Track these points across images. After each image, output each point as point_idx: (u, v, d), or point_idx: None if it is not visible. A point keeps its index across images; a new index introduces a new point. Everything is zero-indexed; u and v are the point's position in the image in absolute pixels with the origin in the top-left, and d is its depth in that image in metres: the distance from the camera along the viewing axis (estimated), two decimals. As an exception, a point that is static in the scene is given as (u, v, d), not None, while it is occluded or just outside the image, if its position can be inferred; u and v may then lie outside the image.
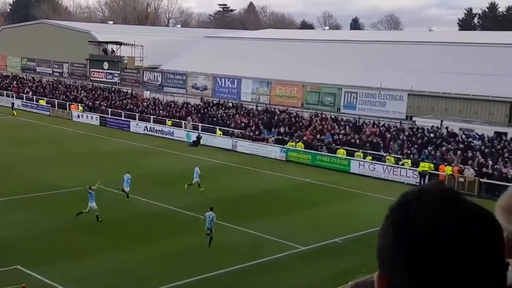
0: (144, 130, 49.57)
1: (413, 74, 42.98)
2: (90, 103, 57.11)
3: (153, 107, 52.92)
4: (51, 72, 69.02)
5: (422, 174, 33.02)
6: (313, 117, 43.96)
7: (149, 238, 22.48)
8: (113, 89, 59.93)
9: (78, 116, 55.39)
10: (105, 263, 20.00)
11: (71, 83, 64.46)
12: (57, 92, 62.41)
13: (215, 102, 51.05)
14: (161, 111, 51.37)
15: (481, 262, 1.18)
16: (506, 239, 1.26)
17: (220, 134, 44.55)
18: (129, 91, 58.49)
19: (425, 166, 33.40)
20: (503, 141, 34.58)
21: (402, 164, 34.57)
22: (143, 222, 24.58)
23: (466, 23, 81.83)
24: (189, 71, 54.64)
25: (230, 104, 49.96)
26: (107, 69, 61.94)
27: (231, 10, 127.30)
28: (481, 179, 31.14)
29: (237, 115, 47.33)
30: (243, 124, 45.40)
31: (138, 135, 48.10)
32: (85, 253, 20.73)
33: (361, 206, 28.11)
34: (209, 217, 22.15)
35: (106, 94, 58.97)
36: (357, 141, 38.64)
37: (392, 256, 1.22)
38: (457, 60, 43.04)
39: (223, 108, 49.54)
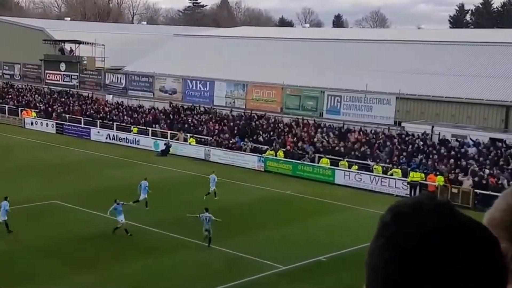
0: (107, 138, 49.24)
1: (401, 75, 43.54)
2: (45, 109, 56.50)
3: (117, 112, 52.61)
4: (0, 74, 68.13)
5: (412, 185, 33.44)
6: (294, 123, 44.21)
7: (113, 259, 22.29)
8: (71, 93, 59.42)
9: (32, 123, 54.76)
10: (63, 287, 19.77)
11: (24, 86, 63.72)
12: (7, 96, 61.62)
13: (185, 106, 50.98)
14: (125, 117, 51.09)
15: (488, 280, 1.20)
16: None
17: (191, 143, 44.46)
18: (89, 95, 58.05)
19: (415, 176, 33.83)
20: (498, 149, 35.18)
21: (391, 174, 34.97)
22: (105, 241, 24.35)
23: (457, 20, 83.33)
24: (156, 73, 54.51)
25: (202, 109, 49.95)
26: (64, 71, 61.44)
27: (203, 6, 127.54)
28: (476, 190, 31.62)
29: (210, 121, 47.34)
30: (216, 131, 45.43)
31: (99, 144, 47.74)
32: (40, 277, 20.44)
33: (347, 220, 28.33)
34: (206, 218, 23.94)
35: (63, 99, 58.44)
36: (342, 149, 38.96)
37: (385, 277, 1.22)
38: (449, 61, 43.77)
39: (195, 114, 49.51)
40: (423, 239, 1.20)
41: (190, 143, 44.57)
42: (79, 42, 60.79)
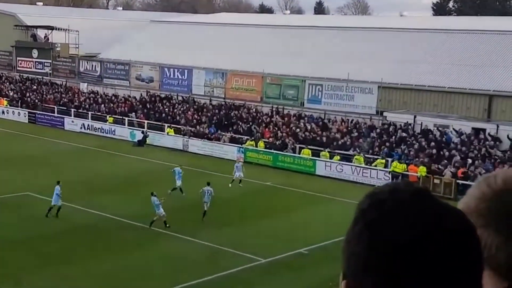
0: (81, 128, 48.94)
1: (383, 64, 43.82)
2: (17, 97, 55.90)
3: (91, 101, 52.26)
4: (-30, 61, 67.15)
5: (394, 175, 33.81)
6: (274, 112, 44.32)
7: (88, 253, 22.28)
8: (44, 80, 58.84)
9: (3, 112, 54.20)
10: (36, 283, 19.73)
11: (-6, 74, 62.91)
12: (-23, 84, 60.82)
13: (162, 95, 50.81)
14: (100, 106, 50.78)
15: (465, 266, 1.24)
16: None
17: (169, 133, 44.39)
18: (63, 83, 57.54)
19: (397, 166, 34.20)
20: (481, 139, 35.67)
21: (376, 165, 35.28)
22: (81, 235, 24.32)
23: (440, 8, 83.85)
24: (132, 61, 54.18)
25: (180, 98, 49.83)
26: (36, 58, 60.78)
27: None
28: (458, 181, 32.08)
29: (188, 111, 47.26)
30: (194, 121, 45.38)
31: (73, 134, 47.42)
32: (11, 271, 20.37)
33: (328, 212, 28.59)
34: (207, 191, 26.54)
35: (36, 87, 57.86)
36: (323, 139, 39.20)
37: (366, 264, 1.25)
38: (431, 49, 44.15)
39: (172, 103, 49.37)
40: (402, 225, 1.23)
41: (168, 133, 44.48)
42: (52, 28, 60.13)
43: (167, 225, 25.18)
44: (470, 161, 33.64)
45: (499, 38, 43.33)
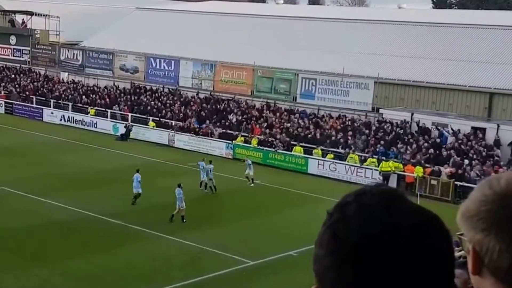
0: (61, 120, 48.71)
1: (380, 58, 43.91)
2: (-7, 86, 55.52)
3: (72, 92, 51.99)
4: None
5: (385, 175, 33.83)
6: (265, 107, 44.29)
7: (66, 251, 22.18)
8: (22, 69, 58.45)
9: (-22, 102, 53.82)
10: (7, 282, 19.62)
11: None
12: (-49, 71, 60.31)
13: (147, 87, 50.63)
14: (82, 97, 50.53)
15: (423, 270, 1.25)
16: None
17: (154, 126, 44.30)
18: (42, 72, 57.20)
19: (386, 166, 34.22)
20: (479, 138, 35.80)
21: (368, 164, 35.35)
22: (58, 232, 24.24)
23: (441, 0, 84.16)
24: (116, 49, 53.93)
25: (166, 90, 49.67)
26: (14, 45, 60.38)
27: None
28: (456, 182, 32.20)
29: (174, 104, 47.13)
30: (181, 114, 45.27)
31: (53, 126, 47.19)
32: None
33: (320, 213, 28.06)
34: (210, 169, 29.97)
35: (13, 76, 57.46)
36: (317, 135, 39.22)
37: (326, 266, 1.28)
38: (431, 43, 44.27)
39: (158, 95, 49.22)
40: (363, 227, 1.25)
41: (152, 126, 44.35)
42: (31, 14, 59.74)
43: (184, 220, 25.96)
44: (467, 161, 33.75)
45: (501, 33, 43.54)
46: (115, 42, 54.20)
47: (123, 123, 45.45)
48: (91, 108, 48.35)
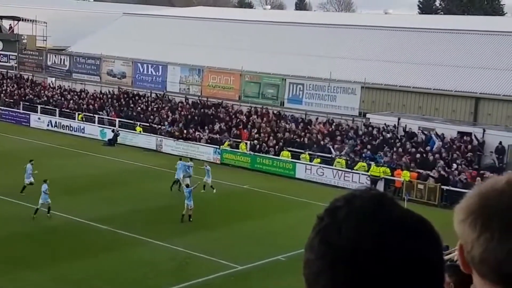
0: (48, 125, 48.48)
1: (367, 63, 44.12)
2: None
3: (60, 97, 51.77)
4: None
5: (373, 180, 33.96)
6: (252, 112, 44.32)
7: (52, 258, 22.04)
8: (8, 74, 58.13)
9: (-36, 108, 53.45)
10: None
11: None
12: None
13: (135, 92, 50.52)
14: (69, 103, 50.33)
15: (414, 274, 1.25)
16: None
17: (138, 131, 44.22)
18: (29, 78, 56.91)
19: (376, 170, 34.37)
20: (466, 143, 36.00)
21: (357, 169, 35.44)
22: (46, 238, 24.12)
23: (427, 6, 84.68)
24: (103, 55, 53.79)
25: (154, 95, 49.59)
26: (1, 50, 60.07)
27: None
28: (443, 187, 32.37)
29: (162, 109, 47.06)
30: (169, 119, 45.19)
31: (40, 132, 46.97)
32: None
33: (308, 217, 28.37)
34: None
35: (0, 81, 57.12)
36: (305, 140, 39.31)
37: (316, 271, 1.27)
38: (417, 49, 44.56)
39: (145, 100, 49.12)
40: (354, 232, 1.25)
41: (139, 132, 44.26)
42: (18, 19, 59.48)
43: (191, 219, 26.62)
44: (455, 166, 33.95)
45: (487, 38, 43.89)
46: (103, 48, 54.07)
47: (110, 128, 45.30)
48: (79, 114, 48.15)
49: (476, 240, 1.31)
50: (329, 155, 37.41)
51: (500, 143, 34.90)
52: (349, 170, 35.66)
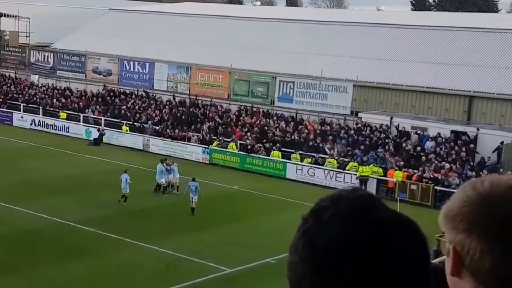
0: (31, 124, 48.26)
1: (359, 61, 44.20)
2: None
3: (43, 95, 51.55)
4: None
5: (362, 180, 34.04)
6: (242, 111, 44.30)
7: (34, 262, 21.91)
8: (-10, 72, 57.82)
9: None
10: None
11: None
12: None
13: (121, 90, 50.38)
14: (53, 101, 50.12)
15: (400, 274, 1.26)
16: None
17: (124, 130, 44.10)
18: (12, 75, 56.60)
19: (365, 170, 34.43)
20: (459, 143, 36.18)
21: (349, 169, 35.52)
22: (28, 241, 23.99)
23: (420, 2, 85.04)
24: (89, 51, 53.58)
25: (141, 93, 49.48)
26: (-18, 47, 59.68)
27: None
28: (436, 187, 32.52)
29: (149, 108, 46.96)
30: (156, 118, 45.11)
31: (23, 131, 46.77)
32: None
33: (298, 219, 28.61)
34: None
35: (-18, 78, 56.83)
36: (296, 139, 39.35)
37: (300, 274, 1.27)
38: (410, 46, 44.69)
39: (132, 98, 49.02)
40: (339, 234, 1.25)
41: (126, 131, 44.14)
42: (0, 15, 59.06)
43: (193, 214, 27.88)
44: (447, 166, 34.11)
45: (481, 35, 44.10)
46: (88, 44, 53.84)
47: (96, 127, 45.14)
48: (62, 112, 47.96)
49: (488, 251, 1.31)
50: (321, 155, 37.41)
51: (502, 142, 34.97)
52: (341, 171, 35.74)
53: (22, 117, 49.22)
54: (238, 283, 21.71)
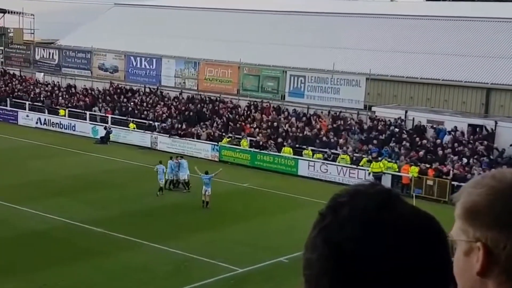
0: (37, 123, 48.45)
1: (372, 54, 43.99)
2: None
3: (49, 93, 51.72)
4: None
5: (376, 176, 33.87)
6: (252, 107, 44.22)
7: (41, 264, 21.96)
8: (-5, 70, 58.12)
9: (-51, 105, 53.41)
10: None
11: None
12: None
13: (128, 87, 50.45)
14: (59, 99, 50.28)
15: (421, 272, 1.24)
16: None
17: (134, 128, 44.13)
18: (17, 73, 56.86)
19: (377, 166, 34.24)
20: (477, 136, 35.94)
21: (362, 165, 35.36)
22: (35, 242, 24.02)
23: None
24: (94, 48, 53.71)
25: (148, 90, 49.52)
26: (-14, 44, 60.02)
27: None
28: (454, 182, 32.30)
29: (156, 105, 46.99)
30: (164, 115, 45.13)
31: (28, 130, 46.97)
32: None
33: (311, 217, 28.26)
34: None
35: (-14, 77, 57.14)
36: (309, 134, 39.25)
37: (318, 272, 1.26)
38: (425, 38, 44.40)
39: (139, 95, 49.08)
40: (358, 231, 1.24)
41: (133, 128, 44.19)
42: (4, 11, 59.50)
43: (208, 206, 28.73)
44: (465, 160, 33.90)
45: (499, 25, 43.76)
46: (93, 40, 53.94)
47: (102, 125, 45.22)
48: (61, 109, 48.08)
49: None
50: (333, 151, 37.27)
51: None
52: (354, 167, 35.59)
53: (27, 115, 49.41)
54: (250, 283, 21.65)
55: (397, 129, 38.13)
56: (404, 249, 1.23)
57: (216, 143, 40.45)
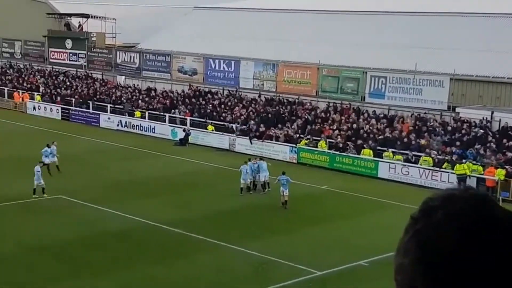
0: (118, 125, 49.70)
1: (456, 53, 43.06)
2: (49, 92, 57.22)
3: (130, 96, 53.03)
4: None
5: (460, 179, 33.01)
6: (331, 108, 44.01)
7: (123, 264, 22.49)
8: (78, 73, 60.04)
9: (34, 108, 55.55)
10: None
11: (25, 66, 64.56)
12: (6, 78, 62.51)
13: (206, 89, 51.14)
14: (139, 102, 51.47)
15: None
16: None
17: (213, 130, 44.66)
18: (99, 76, 58.60)
19: (461, 168, 33.36)
20: None
21: (445, 168, 34.59)
22: (114, 243, 24.63)
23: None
24: (174, 51, 54.76)
25: (226, 92, 50.05)
26: (70, 49, 62.10)
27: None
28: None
29: (235, 107, 47.43)
30: (242, 117, 45.49)
31: (110, 132, 48.23)
32: (39, 280, 20.82)
33: (392, 220, 28.13)
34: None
35: (70, 80, 59.09)
36: (390, 135, 38.74)
37: (413, 278, 1.26)
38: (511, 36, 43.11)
39: (217, 97, 49.65)
40: (452, 234, 1.23)
41: (211, 130, 44.74)
42: (87, 16, 61.32)
43: (286, 207, 29.12)
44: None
45: None
46: (173, 44, 55.05)
47: (181, 128, 46.00)
48: (137, 111, 49.14)
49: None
50: (415, 153, 36.62)
51: None
52: (437, 169, 34.85)
53: (109, 118, 50.78)
54: (328, 286, 21.53)
55: (482, 131, 37.10)
56: (501, 253, 1.22)
57: (294, 145, 40.47)
